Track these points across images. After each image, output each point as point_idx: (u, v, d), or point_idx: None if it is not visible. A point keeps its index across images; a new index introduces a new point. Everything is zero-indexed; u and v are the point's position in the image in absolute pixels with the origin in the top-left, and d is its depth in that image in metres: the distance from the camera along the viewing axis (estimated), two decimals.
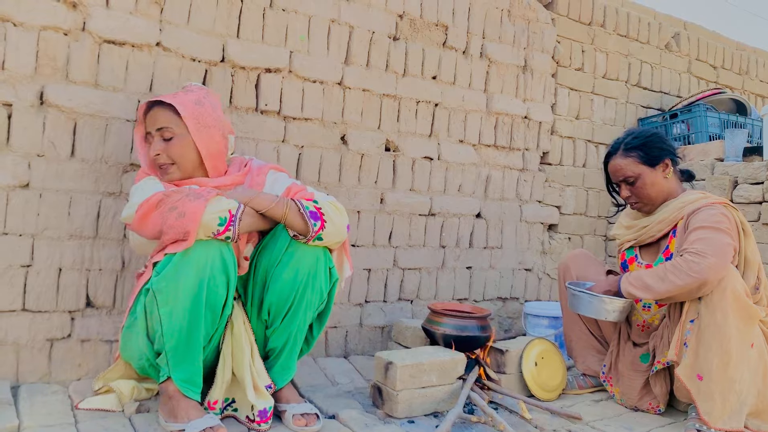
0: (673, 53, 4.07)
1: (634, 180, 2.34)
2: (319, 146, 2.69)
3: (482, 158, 3.20)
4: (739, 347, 2.03)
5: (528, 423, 2.13)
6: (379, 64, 2.84)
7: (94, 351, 2.21)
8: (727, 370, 2.02)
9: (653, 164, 2.33)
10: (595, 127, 3.65)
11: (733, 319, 2.02)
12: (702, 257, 2.01)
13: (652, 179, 2.32)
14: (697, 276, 2.00)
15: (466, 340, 2.34)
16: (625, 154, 2.35)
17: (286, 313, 1.93)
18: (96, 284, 2.22)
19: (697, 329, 2.07)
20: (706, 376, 2.04)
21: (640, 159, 2.33)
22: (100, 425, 1.80)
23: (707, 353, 2.04)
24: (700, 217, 2.16)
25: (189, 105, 1.98)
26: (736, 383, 2.02)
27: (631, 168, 2.34)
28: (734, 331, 2.02)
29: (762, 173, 2.88)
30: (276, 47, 2.55)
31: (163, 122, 1.96)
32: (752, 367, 2.06)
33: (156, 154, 1.96)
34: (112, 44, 2.23)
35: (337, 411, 2.07)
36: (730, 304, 2.02)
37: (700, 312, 2.06)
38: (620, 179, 2.38)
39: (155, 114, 1.98)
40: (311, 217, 1.86)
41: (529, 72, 3.36)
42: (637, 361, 2.35)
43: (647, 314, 2.38)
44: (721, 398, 2.03)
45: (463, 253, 3.15)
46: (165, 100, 1.97)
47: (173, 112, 1.97)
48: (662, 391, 2.29)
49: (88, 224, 2.19)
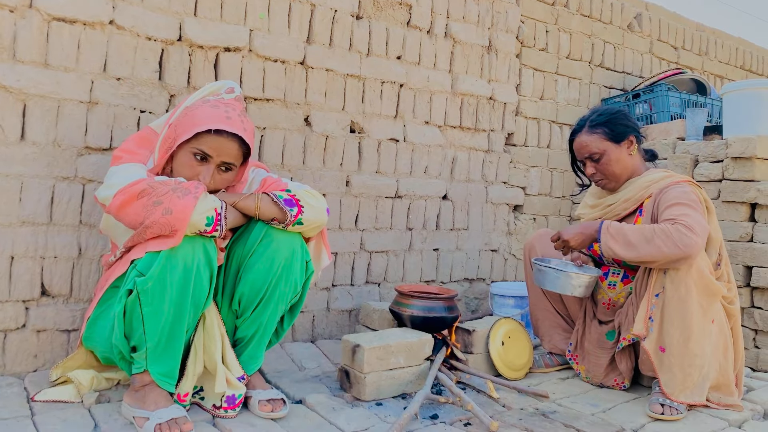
0: (635, 34, 4.10)
1: (599, 156, 2.34)
2: (281, 128, 2.63)
3: (448, 140, 3.19)
4: (700, 322, 2.06)
5: (495, 402, 2.14)
6: (343, 44, 2.79)
7: (51, 341, 2.14)
8: (688, 344, 2.05)
9: (618, 141, 2.34)
10: (559, 108, 3.66)
11: (696, 295, 2.06)
12: (692, 232, 2.01)
13: (617, 156, 2.33)
14: (685, 250, 2.00)
15: (434, 321, 2.33)
16: (591, 130, 2.36)
17: (257, 305, 1.89)
18: (51, 272, 2.14)
19: (662, 303, 2.10)
20: (667, 349, 2.08)
21: (606, 135, 2.34)
22: (58, 417, 1.75)
23: (670, 327, 2.07)
24: (673, 194, 2.17)
25: (251, 139, 1.87)
26: (697, 357, 2.06)
27: (597, 144, 2.34)
28: (696, 306, 2.06)
29: (721, 151, 2.93)
30: (235, 25, 2.48)
31: (231, 158, 1.84)
32: (713, 342, 2.11)
33: (208, 182, 1.84)
34: (62, 22, 2.13)
35: (304, 396, 2.05)
36: (695, 280, 2.05)
37: (665, 286, 2.09)
38: (585, 156, 2.39)
39: (225, 145, 1.82)
40: (286, 204, 1.84)
41: (494, 52, 3.34)
42: (603, 339, 2.38)
43: (612, 292, 2.41)
44: (681, 372, 2.06)
45: (430, 235, 3.14)
46: (237, 132, 1.81)
47: (239, 146, 1.84)
48: (627, 368, 2.32)
49: (41, 210, 2.11)
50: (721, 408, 2.14)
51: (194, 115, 1.81)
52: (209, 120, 1.79)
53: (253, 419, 1.83)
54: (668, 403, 2.07)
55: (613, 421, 2.02)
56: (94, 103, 2.19)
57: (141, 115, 2.29)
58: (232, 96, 1.92)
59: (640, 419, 2.04)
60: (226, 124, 1.79)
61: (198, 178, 1.82)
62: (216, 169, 1.84)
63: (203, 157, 1.82)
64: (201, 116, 1.80)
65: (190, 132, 1.78)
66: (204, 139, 1.80)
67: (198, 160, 1.82)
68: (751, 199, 2.78)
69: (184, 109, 1.86)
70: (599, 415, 2.07)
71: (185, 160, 1.83)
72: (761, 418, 2.17)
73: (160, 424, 1.65)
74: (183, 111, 1.86)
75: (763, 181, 2.77)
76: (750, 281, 2.78)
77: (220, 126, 1.78)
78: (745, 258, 2.78)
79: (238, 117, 1.84)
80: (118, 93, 2.24)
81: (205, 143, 1.80)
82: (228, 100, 1.89)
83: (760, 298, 2.76)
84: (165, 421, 1.66)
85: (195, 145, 1.80)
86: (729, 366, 2.18)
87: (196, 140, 1.80)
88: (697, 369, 2.08)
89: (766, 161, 2.83)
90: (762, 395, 2.34)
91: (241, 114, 1.87)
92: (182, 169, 1.83)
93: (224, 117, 1.81)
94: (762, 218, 2.78)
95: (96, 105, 2.20)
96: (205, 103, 1.85)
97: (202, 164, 1.82)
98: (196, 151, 1.81)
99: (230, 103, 1.88)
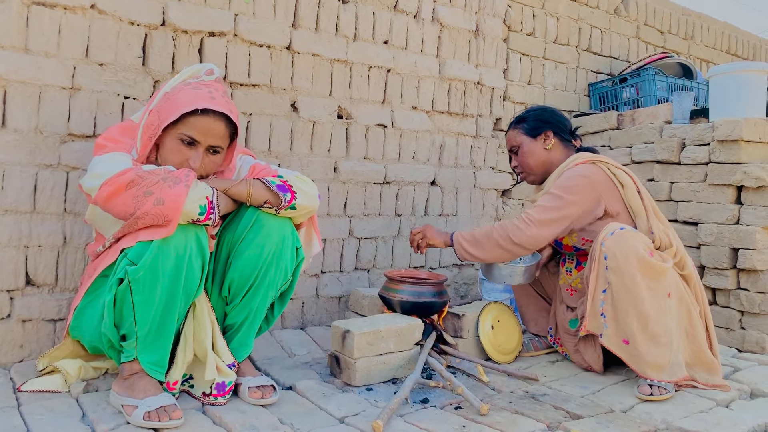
0: (622, 18, 4.10)
1: (516, 149, 2.50)
2: (268, 114, 2.61)
3: (436, 125, 3.17)
4: (655, 304, 2.08)
5: (486, 386, 2.14)
6: (329, 28, 2.76)
7: (37, 331, 2.11)
8: (647, 328, 2.07)
9: (533, 135, 2.47)
10: (546, 93, 3.66)
11: (642, 280, 2.08)
12: (528, 225, 2.21)
13: (531, 149, 2.47)
14: (517, 242, 2.22)
15: (423, 306, 2.33)
16: (513, 126, 2.55)
17: (247, 291, 1.88)
18: (36, 261, 2.11)
19: (611, 298, 2.12)
20: (631, 340, 2.10)
21: (522, 130, 2.49)
22: (45, 407, 1.73)
23: (626, 318, 2.09)
24: (560, 179, 2.31)
25: (237, 119, 1.86)
26: (661, 337, 2.08)
27: (516, 138, 2.51)
28: (645, 291, 2.07)
29: (708, 134, 2.94)
30: (219, 10, 2.44)
31: (218, 140, 1.82)
32: (675, 316, 2.13)
33: (198, 167, 1.82)
34: (42, 6, 2.08)
35: (294, 382, 2.04)
36: (636, 267, 2.07)
37: (610, 281, 2.11)
38: (509, 149, 2.56)
39: (212, 126, 1.79)
40: (279, 190, 1.83)
41: (481, 37, 3.32)
42: (567, 326, 2.41)
43: (570, 278, 2.45)
44: (650, 356, 2.08)
45: (419, 220, 3.13)
46: (224, 111, 1.79)
47: (226, 126, 1.83)
48: (594, 358, 2.30)
49: (24, 198, 2.07)
50: (708, 388, 2.16)
51: (177, 98, 1.78)
52: (193, 101, 1.76)
53: (243, 406, 1.82)
54: (657, 384, 2.08)
55: (603, 402, 2.03)
56: (77, 89, 2.16)
57: (125, 101, 2.25)
58: (212, 78, 1.89)
59: (629, 400, 2.06)
60: (211, 104, 1.77)
61: (187, 164, 1.79)
62: (204, 153, 1.82)
63: (191, 142, 1.79)
64: (184, 99, 1.77)
65: (175, 114, 1.75)
66: (190, 122, 1.77)
67: (186, 145, 1.80)
68: (737, 182, 2.79)
69: (164, 95, 1.83)
70: (589, 397, 2.08)
71: (172, 146, 1.80)
72: (748, 398, 2.20)
73: (149, 412, 1.64)
74: (163, 96, 1.82)
75: (749, 164, 2.78)
76: (736, 263, 2.80)
77: (205, 106, 1.76)
78: (732, 240, 2.80)
79: (222, 97, 1.82)
80: (101, 79, 2.20)
81: (191, 127, 1.77)
82: (209, 82, 1.86)
83: (746, 279, 2.78)
84: (154, 409, 1.65)
85: (181, 130, 1.78)
86: (697, 332, 2.17)
87: (182, 125, 1.77)
88: (665, 347, 2.09)
89: (752, 144, 2.84)
90: (749, 375, 2.36)
91: (224, 94, 1.85)
92: (170, 156, 1.81)
93: (208, 97, 1.78)
94: (748, 200, 2.79)
95: (79, 91, 2.16)
96: (186, 86, 1.82)
97: (190, 149, 1.80)
98: (183, 137, 1.78)
99: (212, 84, 1.85)
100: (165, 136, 1.81)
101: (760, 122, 2.86)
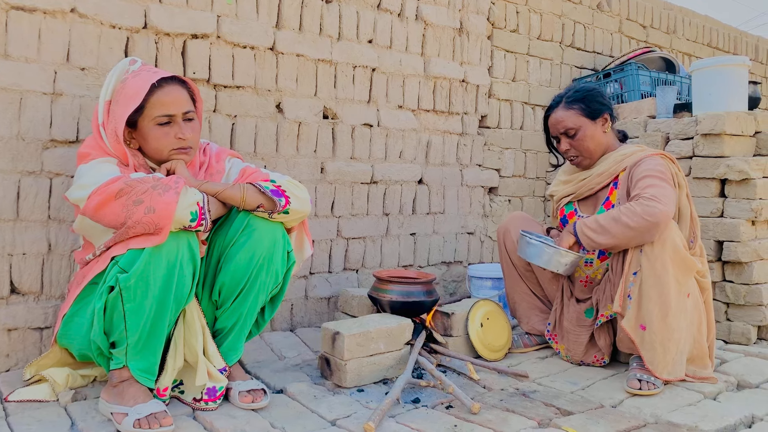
0: (605, 13, 4.11)
1: (574, 132, 2.37)
2: (253, 115, 2.59)
3: (422, 124, 3.17)
4: (677, 297, 2.10)
5: (476, 383, 2.15)
6: (313, 28, 2.75)
7: (23, 340, 2.09)
8: (666, 319, 2.09)
9: (594, 117, 2.37)
10: (531, 89, 3.66)
11: (672, 270, 2.09)
12: (656, 202, 2.06)
13: (592, 132, 2.36)
14: (651, 219, 2.05)
15: (413, 306, 2.33)
16: (567, 106, 2.39)
17: (237, 295, 1.87)
18: (20, 269, 2.08)
19: (640, 281, 2.12)
20: (648, 326, 2.10)
21: (582, 111, 2.37)
22: (33, 417, 1.71)
23: (648, 303, 2.10)
24: (645, 166, 2.22)
25: (191, 81, 1.93)
26: (674, 332, 2.10)
27: (573, 120, 2.37)
28: (673, 281, 2.09)
29: (691, 128, 2.96)
30: (202, 11, 2.42)
31: (188, 105, 1.88)
32: (688, 316, 2.15)
33: (188, 137, 1.86)
34: (21, 11, 2.06)
35: (285, 385, 2.03)
36: (670, 255, 2.08)
37: (642, 264, 2.11)
38: (561, 132, 2.41)
39: (174, 93, 1.85)
40: (274, 194, 1.83)
41: (465, 34, 3.33)
42: (582, 317, 2.40)
43: (590, 270, 2.43)
44: (662, 348, 2.10)
45: (407, 219, 3.13)
46: (174, 74, 1.88)
47: (184, 89, 1.89)
48: (606, 344, 2.35)
49: (6, 206, 2.05)
50: (696, 381, 2.18)
51: (127, 90, 1.81)
52: (144, 83, 1.81)
53: (233, 411, 1.81)
54: (645, 378, 2.10)
55: (592, 398, 2.04)
56: (59, 94, 2.13)
57: None
58: (138, 65, 1.92)
59: (618, 395, 2.07)
60: (160, 74, 1.83)
61: (178, 138, 1.84)
62: (183, 122, 1.86)
63: (168, 120, 1.84)
64: (135, 86, 1.81)
65: (136, 100, 1.79)
66: (154, 103, 1.82)
67: (165, 125, 1.84)
68: (720, 175, 2.82)
69: (107, 102, 1.85)
70: (578, 392, 2.10)
71: (155, 134, 1.84)
72: (735, 390, 2.22)
73: (139, 419, 1.63)
74: (107, 103, 1.84)
75: (732, 157, 2.81)
76: (721, 256, 2.83)
77: (156, 78, 1.82)
78: (717, 233, 2.82)
79: (161, 70, 1.88)
80: (83, 83, 2.17)
81: (159, 105, 1.82)
82: (139, 68, 1.89)
83: (731, 271, 2.81)
84: (144, 416, 1.64)
85: (153, 114, 1.83)
86: (703, 339, 2.22)
87: (149, 110, 1.82)
88: (675, 344, 2.11)
89: (734, 137, 2.87)
90: (735, 367, 2.39)
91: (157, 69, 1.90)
92: (157, 143, 1.85)
93: (153, 74, 1.84)
94: (732, 194, 2.82)
95: (60, 96, 2.13)
96: (124, 81, 1.85)
97: (171, 127, 1.85)
98: (159, 119, 1.83)
99: (143, 67, 1.90)
100: (141, 131, 1.84)
101: (741, 116, 2.89)
